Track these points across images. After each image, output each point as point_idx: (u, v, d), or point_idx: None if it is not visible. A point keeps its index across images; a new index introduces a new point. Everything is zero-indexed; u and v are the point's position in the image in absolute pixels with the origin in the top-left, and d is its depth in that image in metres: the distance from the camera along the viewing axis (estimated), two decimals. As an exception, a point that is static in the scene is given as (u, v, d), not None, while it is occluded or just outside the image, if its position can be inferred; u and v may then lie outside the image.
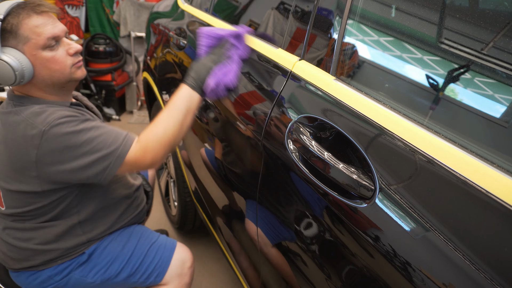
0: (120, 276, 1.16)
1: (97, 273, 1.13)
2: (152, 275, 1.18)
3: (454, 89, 0.65)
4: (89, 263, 1.13)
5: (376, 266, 0.65)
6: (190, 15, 1.71)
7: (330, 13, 0.88)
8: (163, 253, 1.20)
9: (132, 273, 1.16)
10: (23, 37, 0.92)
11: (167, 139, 0.99)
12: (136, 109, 3.69)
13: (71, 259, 1.11)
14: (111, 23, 3.69)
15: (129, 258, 1.16)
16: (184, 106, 1.01)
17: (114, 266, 1.15)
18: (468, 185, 0.54)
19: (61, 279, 1.11)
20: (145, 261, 1.17)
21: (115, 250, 1.16)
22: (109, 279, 1.15)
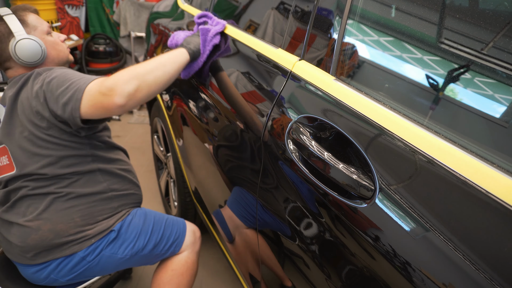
0: (147, 248, 1.24)
1: (126, 247, 1.20)
2: (173, 245, 1.30)
3: (454, 89, 0.65)
4: (118, 240, 1.20)
5: (376, 266, 0.65)
6: (190, 15, 1.71)
7: (330, 13, 0.88)
8: (178, 226, 1.34)
9: (156, 244, 1.26)
10: (32, 25, 1.14)
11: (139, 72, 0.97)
12: (136, 109, 3.69)
13: (101, 238, 1.17)
14: (111, 23, 3.69)
15: (151, 230, 1.26)
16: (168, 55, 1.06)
17: (141, 239, 1.23)
18: (468, 185, 0.54)
19: (93, 258, 1.16)
20: (165, 234, 1.29)
21: (138, 225, 1.25)
22: (137, 252, 1.23)
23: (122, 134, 3.24)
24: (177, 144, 1.73)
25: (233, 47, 1.27)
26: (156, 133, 2.24)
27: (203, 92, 1.35)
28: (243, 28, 1.28)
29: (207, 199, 1.51)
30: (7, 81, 1.19)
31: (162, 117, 1.88)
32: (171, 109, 1.70)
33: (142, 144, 3.07)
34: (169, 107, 1.73)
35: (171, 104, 1.68)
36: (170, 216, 1.37)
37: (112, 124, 3.44)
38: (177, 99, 1.60)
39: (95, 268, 1.17)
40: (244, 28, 1.28)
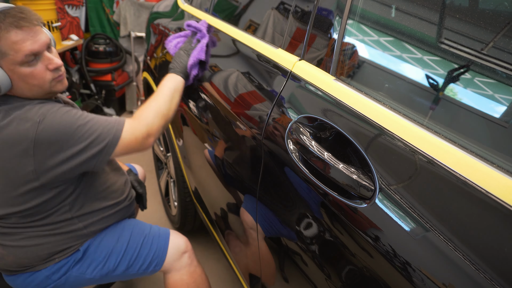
0: (119, 269, 1.17)
1: (95, 268, 1.14)
2: (151, 264, 1.20)
3: (454, 89, 0.65)
4: (85, 260, 1.14)
5: (376, 266, 0.65)
6: (190, 15, 1.71)
7: (330, 13, 0.88)
8: (159, 242, 1.22)
9: (130, 265, 1.18)
10: (0, 52, 0.89)
11: (161, 112, 1.07)
12: (136, 109, 3.69)
13: (66, 257, 1.11)
14: (111, 23, 3.69)
15: (125, 250, 1.18)
16: (172, 86, 1.15)
17: (111, 260, 1.16)
18: (468, 185, 0.54)
19: (59, 278, 1.11)
20: (141, 253, 1.19)
21: (109, 244, 1.17)
22: (108, 273, 1.16)
23: (122, 134, 3.23)
24: (177, 144, 1.73)
25: (233, 47, 1.27)
26: (156, 133, 2.24)
27: (203, 92, 1.35)
28: (243, 28, 1.28)
29: (207, 199, 1.51)
30: None
31: (162, 117, 1.88)
32: (171, 109, 1.70)
33: (142, 144, 3.07)
34: (169, 107, 1.73)
35: (171, 104, 1.68)
36: (153, 229, 1.26)
37: (112, 124, 3.44)
38: (177, 99, 1.60)
39: (63, 286, 1.13)
40: (244, 28, 1.28)
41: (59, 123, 0.93)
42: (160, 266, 1.21)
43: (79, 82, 3.30)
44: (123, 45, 3.58)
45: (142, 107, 1.07)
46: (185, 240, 1.28)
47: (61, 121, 0.93)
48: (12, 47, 0.89)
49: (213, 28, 1.34)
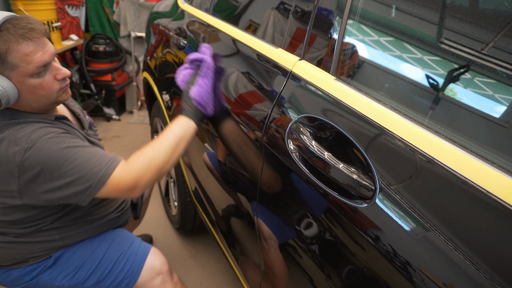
0: (88, 282, 1.15)
1: (64, 277, 1.13)
2: (123, 282, 1.17)
3: (454, 89, 0.65)
4: (56, 267, 1.13)
5: (376, 266, 0.65)
6: (190, 15, 1.71)
7: (330, 13, 0.88)
8: (134, 260, 1.18)
9: (100, 280, 1.16)
10: (11, 65, 0.88)
11: (154, 165, 0.97)
12: (136, 109, 3.69)
13: (38, 262, 1.12)
14: (111, 23, 3.69)
15: (98, 264, 1.15)
16: (180, 133, 1.02)
17: (82, 272, 1.14)
18: (468, 185, 0.54)
19: (30, 280, 1.12)
20: (114, 269, 1.16)
21: (83, 255, 1.15)
22: (77, 284, 1.15)
23: (122, 134, 3.24)
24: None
25: (233, 47, 1.27)
26: (156, 133, 2.24)
27: (203, 92, 1.35)
28: (243, 28, 1.28)
29: (207, 199, 1.51)
30: None
31: (162, 117, 1.88)
32: (171, 109, 1.70)
33: (142, 144, 3.05)
34: (169, 107, 1.73)
35: (171, 104, 1.68)
36: (132, 245, 1.21)
37: (112, 124, 3.44)
38: (177, 99, 1.60)
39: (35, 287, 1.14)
40: (244, 28, 1.28)
41: (47, 153, 0.90)
42: (132, 285, 1.18)
43: (79, 82, 3.30)
44: (123, 45, 3.58)
45: (140, 153, 0.98)
46: (162, 261, 1.23)
47: (49, 152, 0.90)
48: (24, 59, 0.88)
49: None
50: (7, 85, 0.89)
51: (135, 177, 0.95)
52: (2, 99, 0.89)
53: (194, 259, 1.96)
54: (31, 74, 0.91)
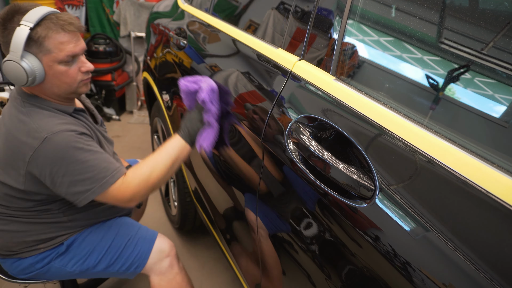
0: (99, 266, 1.20)
1: (76, 263, 1.18)
2: (132, 266, 1.22)
3: (454, 89, 0.65)
4: (68, 254, 1.18)
5: (376, 266, 0.65)
6: (190, 15, 1.71)
7: (330, 13, 0.88)
8: (143, 245, 1.23)
9: (110, 264, 1.20)
10: (45, 49, 0.98)
11: (151, 182, 1.06)
12: (136, 109, 3.69)
13: (51, 249, 1.16)
14: (111, 23, 3.69)
15: (107, 249, 1.20)
16: (175, 154, 1.09)
17: (92, 257, 1.19)
18: (468, 185, 0.54)
19: (42, 267, 1.17)
20: (123, 253, 1.21)
21: (93, 241, 1.20)
22: (88, 269, 1.19)
23: (122, 134, 3.24)
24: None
25: (233, 47, 1.27)
26: (156, 133, 2.24)
27: (203, 92, 1.35)
28: (243, 28, 1.28)
29: (207, 199, 1.51)
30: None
31: (162, 117, 1.88)
32: (171, 109, 1.70)
33: (142, 144, 3.07)
34: (169, 107, 1.73)
35: (171, 104, 1.68)
36: (140, 231, 1.26)
37: (112, 124, 3.44)
38: (177, 99, 1.60)
39: (46, 275, 1.20)
40: (244, 28, 1.28)
41: (62, 148, 0.97)
42: (141, 268, 1.23)
43: (79, 82, 3.30)
44: (123, 45, 3.58)
45: (138, 169, 1.06)
46: (170, 244, 1.28)
47: (65, 147, 0.97)
48: (58, 46, 0.98)
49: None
50: (37, 66, 0.98)
51: (132, 192, 1.04)
52: (29, 76, 0.97)
53: (194, 259, 1.96)
54: (60, 60, 1.00)
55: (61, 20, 0.98)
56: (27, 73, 0.96)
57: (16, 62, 0.95)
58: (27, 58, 0.96)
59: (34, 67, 0.97)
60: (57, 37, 0.98)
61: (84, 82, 1.08)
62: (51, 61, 0.99)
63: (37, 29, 0.96)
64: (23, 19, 0.94)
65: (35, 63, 0.97)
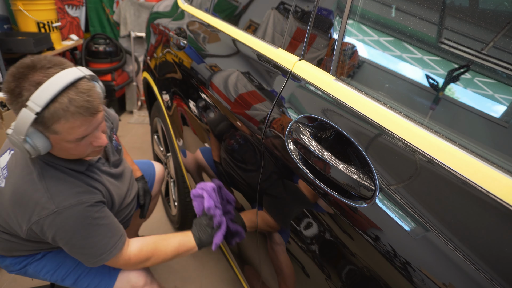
0: (66, 281, 1.22)
1: (47, 272, 1.21)
2: (100, 286, 1.19)
3: (454, 89, 0.65)
4: (41, 261, 1.21)
5: (376, 266, 0.65)
6: (190, 15, 1.71)
7: (330, 13, 0.88)
8: (110, 270, 1.19)
9: (77, 281, 1.21)
10: (53, 131, 0.87)
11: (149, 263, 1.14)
12: (136, 109, 3.69)
13: (28, 255, 1.20)
14: (111, 23, 3.69)
15: (74, 267, 1.21)
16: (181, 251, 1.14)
17: (61, 271, 1.21)
18: (468, 185, 0.54)
19: (19, 269, 1.21)
20: (89, 275, 1.20)
21: (64, 256, 1.21)
22: (57, 281, 1.22)
23: (122, 134, 3.24)
24: (177, 144, 1.73)
25: (233, 47, 1.27)
26: (156, 133, 2.24)
27: (203, 92, 1.35)
28: (243, 28, 1.28)
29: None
30: None
31: (162, 117, 1.88)
32: (171, 109, 1.70)
33: (142, 144, 3.07)
34: (169, 107, 1.73)
35: (171, 104, 1.68)
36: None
37: (112, 124, 3.44)
38: (177, 99, 1.60)
39: (24, 275, 1.23)
40: (244, 28, 1.28)
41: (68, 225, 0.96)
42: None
43: (79, 82, 3.30)
44: (123, 45, 3.58)
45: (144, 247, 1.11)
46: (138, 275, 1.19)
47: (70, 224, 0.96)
48: (67, 131, 0.88)
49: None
50: (42, 143, 0.89)
51: (130, 266, 1.12)
52: (32, 154, 0.90)
53: (194, 259, 1.96)
54: (69, 141, 0.91)
55: (74, 106, 0.84)
56: (29, 152, 0.89)
57: (19, 143, 0.87)
58: (32, 135, 0.86)
59: (38, 145, 0.88)
60: (67, 124, 0.86)
61: (95, 152, 1.01)
62: (59, 140, 0.90)
63: (44, 113, 0.83)
64: (31, 99, 0.82)
65: (39, 141, 0.88)
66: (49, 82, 0.83)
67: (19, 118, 0.83)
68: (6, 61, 2.77)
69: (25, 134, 0.84)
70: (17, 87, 0.83)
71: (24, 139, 0.86)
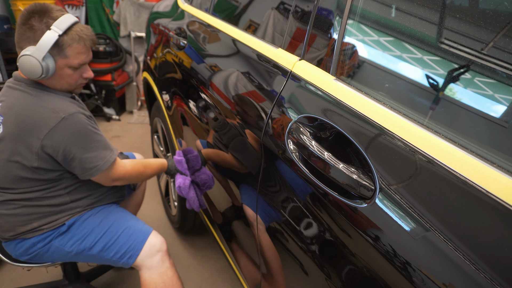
0: (94, 249, 1.25)
1: (74, 243, 1.24)
2: (125, 255, 1.27)
3: (454, 89, 0.65)
4: (68, 233, 1.24)
5: (376, 266, 0.65)
6: (190, 15, 1.71)
7: (330, 13, 0.88)
8: (137, 236, 1.29)
9: (105, 249, 1.26)
10: (64, 54, 1.10)
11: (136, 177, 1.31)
12: (136, 109, 3.69)
13: (53, 229, 1.23)
14: (111, 23, 3.69)
15: (104, 233, 1.26)
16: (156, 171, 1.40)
17: (90, 238, 1.25)
18: (468, 185, 0.54)
19: (43, 246, 1.24)
20: (119, 240, 1.27)
21: (92, 224, 1.27)
22: (84, 251, 1.25)
23: (122, 134, 3.24)
24: (177, 144, 1.73)
25: (233, 47, 1.27)
26: (156, 133, 2.24)
27: (203, 92, 1.35)
28: (243, 28, 1.28)
29: (207, 199, 1.51)
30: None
31: (162, 117, 1.88)
32: (171, 109, 1.70)
33: (142, 144, 3.07)
34: (169, 107, 1.73)
35: (171, 104, 1.68)
36: (137, 224, 1.34)
37: (112, 124, 3.44)
38: (177, 99, 1.60)
39: (45, 254, 1.26)
40: (244, 28, 1.28)
41: (76, 129, 1.11)
42: (134, 260, 1.27)
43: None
44: (123, 45, 3.58)
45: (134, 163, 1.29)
46: (162, 241, 1.33)
47: (78, 128, 1.11)
48: (75, 55, 1.12)
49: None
50: (52, 66, 1.09)
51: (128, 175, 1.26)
52: (43, 74, 1.08)
53: (194, 259, 1.96)
54: (72, 66, 1.13)
55: (84, 34, 1.12)
56: (43, 70, 1.07)
57: (37, 60, 1.05)
58: (46, 58, 1.07)
59: (49, 66, 1.08)
60: (78, 47, 1.11)
61: (81, 84, 1.23)
62: (64, 64, 1.11)
63: (64, 37, 1.08)
64: (54, 25, 1.06)
65: (51, 64, 1.08)
66: (66, 15, 1.10)
67: (43, 39, 1.05)
68: (6, 61, 2.77)
69: (46, 51, 1.05)
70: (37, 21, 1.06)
71: (43, 57, 1.05)
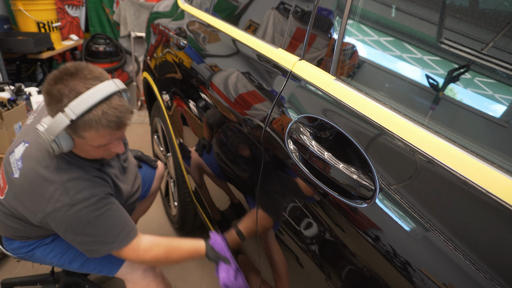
0: (73, 264, 1.27)
1: (55, 256, 1.26)
2: (104, 270, 1.27)
3: (454, 89, 0.65)
4: (50, 245, 1.26)
5: (376, 266, 0.65)
6: (190, 15, 1.71)
7: (330, 13, 0.88)
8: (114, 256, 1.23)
9: (84, 264, 1.27)
10: (80, 136, 0.95)
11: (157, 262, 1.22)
12: (136, 109, 3.69)
13: (38, 240, 1.24)
14: (111, 23, 3.70)
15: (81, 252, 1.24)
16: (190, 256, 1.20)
17: (68, 254, 1.26)
18: (468, 185, 0.54)
19: (26, 252, 1.26)
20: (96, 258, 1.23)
21: None
22: (63, 264, 1.27)
23: (122, 134, 3.24)
24: (177, 144, 1.73)
25: (233, 47, 1.27)
26: (156, 133, 2.24)
27: (203, 92, 1.35)
28: (243, 28, 1.28)
29: (207, 199, 1.51)
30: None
31: (162, 117, 1.88)
32: (171, 109, 1.70)
33: (142, 144, 3.07)
34: (169, 107, 1.73)
35: (171, 104, 1.68)
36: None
37: (112, 124, 3.44)
38: (177, 99, 1.60)
39: (31, 258, 1.28)
40: (244, 28, 1.28)
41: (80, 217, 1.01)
42: (114, 273, 1.27)
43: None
44: (123, 45, 3.58)
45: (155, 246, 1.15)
46: None
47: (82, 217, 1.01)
48: (94, 138, 0.96)
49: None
50: (67, 143, 0.97)
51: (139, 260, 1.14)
52: (56, 152, 0.98)
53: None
54: (91, 145, 0.99)
55: (106, 119, 0.93)
56: (53, 149, 0.96)
57: (47, 140, 0.94)
58: (60, 137, 0.94)
59: (63, 145, 0.96)
60: (96, 134, 0.95)
61: (110, 155, 1.09)
62: (83, 143, 0.98)
63: (78, 121, 0.91)
64: (69, 106, 0.89)
65: (65, 142, 0.96)
66: (87, 93, 0.90)
67: (55, 120, 0.92)
68: (6, 61, 2.77)
69: (56, 135, 0.93)
70: (58, 92, 0.91)
71: (53, 139, 0.93)
